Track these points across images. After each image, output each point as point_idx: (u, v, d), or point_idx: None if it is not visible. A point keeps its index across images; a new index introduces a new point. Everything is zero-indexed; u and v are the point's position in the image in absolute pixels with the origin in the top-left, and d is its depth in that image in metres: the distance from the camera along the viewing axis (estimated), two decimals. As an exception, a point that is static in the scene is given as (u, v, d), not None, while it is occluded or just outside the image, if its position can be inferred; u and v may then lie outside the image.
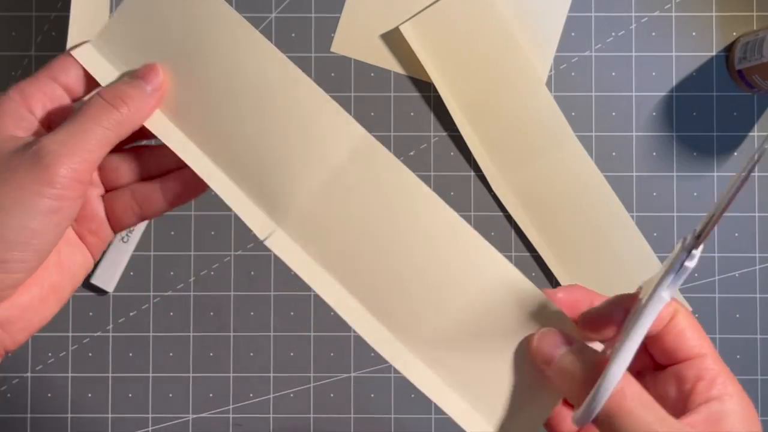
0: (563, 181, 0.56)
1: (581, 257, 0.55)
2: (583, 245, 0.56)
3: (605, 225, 0.56)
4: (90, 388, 0.57)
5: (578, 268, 0.56)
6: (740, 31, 0.58)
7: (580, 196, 0.56)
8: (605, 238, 0.56)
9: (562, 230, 0.56)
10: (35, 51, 0.58)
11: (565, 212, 0.56)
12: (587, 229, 0.56)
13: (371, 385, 0.58)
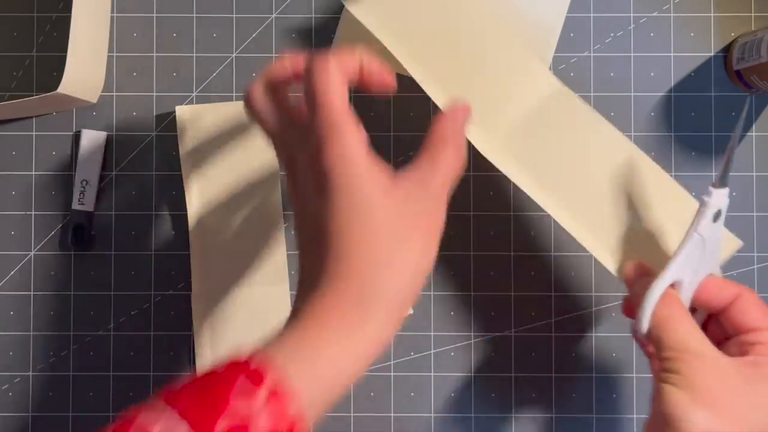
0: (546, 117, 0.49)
1: (599, 206, 0.48)
2: (596, 190, 0.48)
3: (614, 164, 0.48)
4: (91, 386, 0.58)
5: (598, 219, 0.48)
6: (738, 32, 0.58)
7: (567, 129, 0.49)
8: (622, 179, 0.48)
9: (571, 180, 0.49)
10: (37, 51, 0.59)
11: (563, 155, 0.48)
12: (597, 173, 0.49)
13: (371, 385, 0.58)
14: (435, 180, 0.38)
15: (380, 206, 0.35)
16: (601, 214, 0.46)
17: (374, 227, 0.35)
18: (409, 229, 0.36)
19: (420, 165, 0.38)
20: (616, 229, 0.46)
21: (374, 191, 0.35)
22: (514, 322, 0.58)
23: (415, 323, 0.58)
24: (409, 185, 0.37)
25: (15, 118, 0.58)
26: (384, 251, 0.35)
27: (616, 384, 0.57)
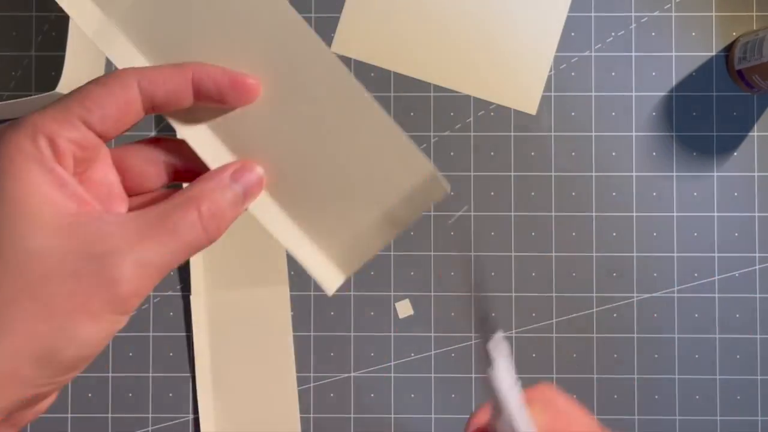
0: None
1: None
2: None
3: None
4: (90, 388, 0.57)
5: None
6: (740, 31, 0.58)
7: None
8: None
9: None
10: (35, 51, 0.58)
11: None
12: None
13: (371, 385, 0.58)
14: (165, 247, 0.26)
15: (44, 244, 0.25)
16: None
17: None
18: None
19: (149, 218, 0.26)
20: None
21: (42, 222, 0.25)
22: (515, 322, 0.58)
23: (416, 324, 0.57)
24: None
25: (13, 118, 0.58)
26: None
27: (617, 385, 0.57)
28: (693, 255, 0.57)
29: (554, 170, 0.58)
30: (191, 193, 0.27)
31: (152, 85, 0.27)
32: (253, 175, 0.29)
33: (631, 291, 0.57)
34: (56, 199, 0.25)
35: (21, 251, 0.24)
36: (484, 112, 0.58)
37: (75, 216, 0.25)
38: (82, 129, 0.26)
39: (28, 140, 0.25)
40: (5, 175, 0.24)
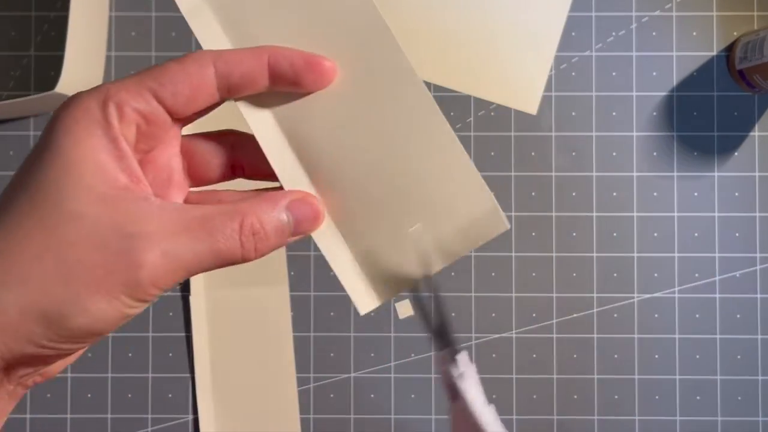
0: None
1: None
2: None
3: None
4: (89, 388, 0.57)
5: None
6: (741, 31, 0.57)
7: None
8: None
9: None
10: (35, 51, 0.58)
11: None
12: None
13: (371, 385, 0.58)
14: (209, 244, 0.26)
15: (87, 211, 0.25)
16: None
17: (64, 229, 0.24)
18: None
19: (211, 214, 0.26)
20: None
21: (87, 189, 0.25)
22: (515, 323, 0.57)
23: (416, 325, 0.57)
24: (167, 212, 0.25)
25: (13, 117, 0.58)
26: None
27: (617, 385, 0.57)
28: (694, 255, 0.57)
29: (555, 170, 0.58)
30: (241, 206, 0.26)
31: (228, 66, 0.27)
32: (310, 211, 0.28)
33: (632, 291, 0.57)
34: (109, 168, 0.25)
35: (61, 211, 0.24)
36: (484, 112, 0.58)
37: (121, 190, 0.25)
38: (152, 102, 0.26)
39: (97, 105, 0.25)
40: (67, 135, 0.25)
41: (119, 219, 0.24)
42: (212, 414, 0.57)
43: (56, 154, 0.25)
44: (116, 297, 0.24)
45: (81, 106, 0.25)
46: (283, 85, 0.28)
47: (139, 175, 0.26)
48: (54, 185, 0.24)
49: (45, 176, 0.25)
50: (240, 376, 0.57)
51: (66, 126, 0.25)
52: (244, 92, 0.28)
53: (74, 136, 0.25)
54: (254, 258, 0.27)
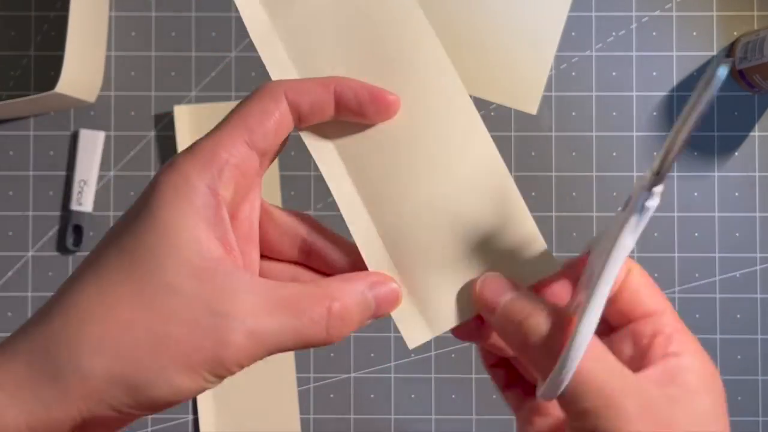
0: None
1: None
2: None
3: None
4: (89, 388, 0.57)
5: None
6: (741, 31, 0.57)
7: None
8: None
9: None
10: (34, 51, 0.58)
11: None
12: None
13: (371, 386, 0.58)
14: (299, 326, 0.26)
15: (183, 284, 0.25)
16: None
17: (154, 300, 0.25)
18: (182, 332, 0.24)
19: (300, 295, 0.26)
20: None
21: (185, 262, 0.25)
22: (515, 323, 0.57)
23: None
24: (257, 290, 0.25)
25: (12, 117, 0.58)
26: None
27: (617, 385, 0.57)
28: (694, 255, 0.57)
29: (555, 170, 0.58)
30: (328, 289, 0.27)
31: (298, 97, 0.27)
32: (391, 294, 0.29)
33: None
34: (204, 239, 0.25)
35: (155, 282, 0.24)
36: (484, 112, 0.58)
37: (215, 261, 0.25)
38: (245, 151, 0.26)
39: (196, 172, 0.25)
40: (166, 203, 0.25)
41: (211, 295, 0.24)
42: (212, 414, 0.57)
43: (154, 220, 0.25)
44: (199, 372, 0.25)
45: (181, 172, 0.25)
46: (346, 115, 0.28)
47: (232, 242, 0.26)
48: (150, 253, 0.25)
49: (142, 241, 0.25)
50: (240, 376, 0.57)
51: (166, 194, 0.25)
52: (312, 122, 0.28)
53: (173, 205, 0.25)
54: (336, 341, 0.27)
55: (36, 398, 0.24)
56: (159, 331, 0.24)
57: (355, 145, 0.29)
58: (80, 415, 0.24)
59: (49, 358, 0.24)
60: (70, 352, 0.24)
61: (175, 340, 0.24)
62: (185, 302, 0.24)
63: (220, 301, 0.25)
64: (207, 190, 0.25)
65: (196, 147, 0.26)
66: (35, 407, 0.24)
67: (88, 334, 0.24)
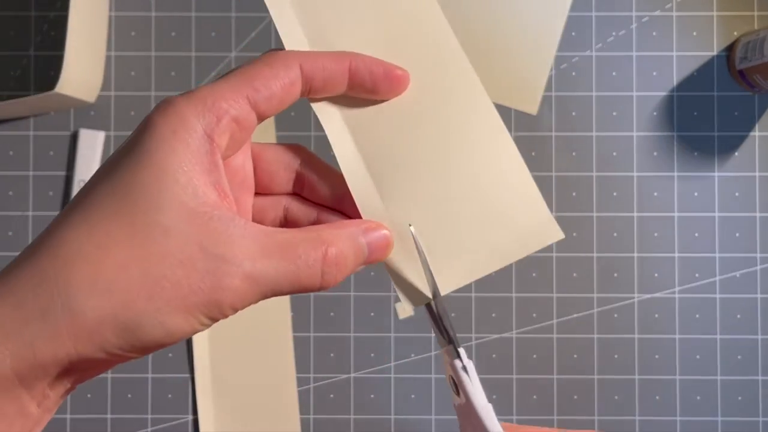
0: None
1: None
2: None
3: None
4: (89, 388, 0.57)
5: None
6: (741, 31, 0.57)
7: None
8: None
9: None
10: (34, 51, 0.58)
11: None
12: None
13: (371, 386, 0.57)
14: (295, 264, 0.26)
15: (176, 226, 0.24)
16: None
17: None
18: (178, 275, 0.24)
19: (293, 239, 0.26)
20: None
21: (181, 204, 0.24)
22: (515, 323, 0.57)
23: (416, 325, 0.57)
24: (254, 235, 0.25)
25: (12, 117, 0.58)
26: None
27: (617, 385, 0.57)
28: (694, 255, 0.57)
29: (555, 170, 0.58)
30: (323, 234, 0.27)
31: (313, 70, 0.27)
32: (384, 240, 0.29)
33: (632, 291, 0.57)
34: (201, 183, 0.25)
35: (150, 222, 0.24)
36: (484, 111, 0.58)
37: (210, 207, 0.25)
38: (246, 108, 0.26)
39: (196, 116, 0.25)
40: (163, 144, 0.24)
41: (207, 239, 0.24)
42: (212, 414, 0.57)
43: (149, 161, 0.24)
44: (194, 315, 0.24)
45: (179, 115, 0.25)
46: (359, 91, 0.29)
47: (226, 189, 0.26)
48: (144, 193, 0.24)
49: (135, 181, 0.24)
50: (240, 376, 0.57)
51: (162, 134, 0.25)
52: (323, 94, 0.29)
53: (170, 146, 0.24)
54: (330, 287, 0.27)
55: (22, 340, 0.23)
56: (154, 272, 0.24)
57: (361, 116, 0.30)
58: (68, 358, 0.24)
59: (37, 299, 0.23)
60: (60, 291, 0.23)
61: (172, 282, 0.24)
62: (181, 244, 0.24)
63: (217, 244, 0.24)
64: (204, 134, 0.25)
65: (195, 93, 0.26)
66: (21, 350, 0.23)
67: (80, 273, 0.23)
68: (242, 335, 0.57)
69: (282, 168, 0.30)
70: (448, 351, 0.29)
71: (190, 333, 0.25)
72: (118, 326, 0.24)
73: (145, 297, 0.24)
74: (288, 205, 0.30)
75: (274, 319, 0.57)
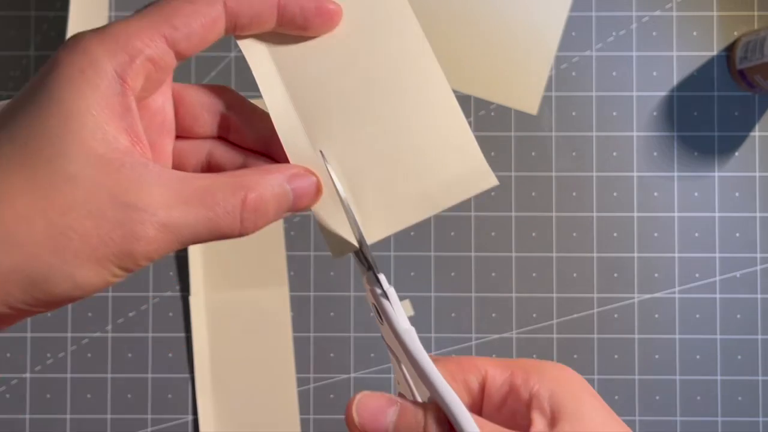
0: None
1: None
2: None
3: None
4: (89, 388, 0.57)
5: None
6: (741, 31, 0.57)
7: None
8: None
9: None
10: (34, 51, 0.58)
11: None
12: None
13: (371, 386, 0.57)
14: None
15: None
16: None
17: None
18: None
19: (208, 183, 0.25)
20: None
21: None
22: (515, 323, 0.57)
23: (416, 324, 0.57)
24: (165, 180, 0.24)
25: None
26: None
27: (617, 385, 0.57)
28: (694, 255, 0.57)
29: (555, 170, 0.58)
30: (243, 179, 0.25)
31: (238, 5, 0.26)
32: (311, 186, 0.27)
33: (632, 291, 0.57)
34: (110, 128, 0.23)
35: (55, 170, 0.22)
36: (484, 112, 0.58)
37: (121, 153, 0.23)
38: (163, 47, 0.24)
39: (107, 55, 0.23)
40: (70, 85, 0.23)
41: (117, 186, 0.23)
42: (212, 414, 0.57)
43: (55, 104, 0.23)
44: (105, 267, 0.23)
45: (88, 54, 0.23)
46: (288, 27, 0.27)
47: (140, 134, 0.24)
48: (48, 139, 0.22)
49: (39, 127, 0.23)
50: (240, 376, 0.57)
51: (68, 75, 0.23)
52: (250, 32, 0.27)
53: (77, 87, 0.23)
54: (251, 233, 0.26)
55: None
56: (60, 223, 0.22)
57: (291, 54, 0.28)
58: None
59: None
60: None
61: (79, 233, 0.22)
62: (89, 193, 0.22)
63: (128, 192, 0.23)
64: (115, 75, 0.23)
65: (106, 31, 0.24)
66: None
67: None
68: (242, 335, 0.57)
69: (205, 110, 0.29)
70: (368, 278, 0.27)
71: (102, 286, 0.24)
72: (23, 280, 0.22)
73: (51, 249, 0.22)
74: (212, 149, 0.29)
75: (274, 319, 0.57)
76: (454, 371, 0.28)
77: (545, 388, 0.26)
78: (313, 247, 0.57)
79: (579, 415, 0.25)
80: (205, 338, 0.57)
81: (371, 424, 0.25)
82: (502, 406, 0.27)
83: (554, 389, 0.26)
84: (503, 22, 0.57)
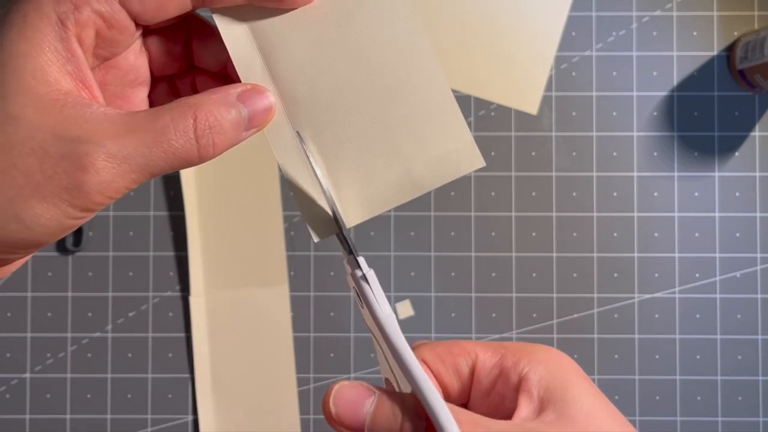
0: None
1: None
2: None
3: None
4: (89, 389, 0.57)
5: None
6: (741, 31, 0.57)
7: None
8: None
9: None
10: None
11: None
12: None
13: (371, 386, 0.57)
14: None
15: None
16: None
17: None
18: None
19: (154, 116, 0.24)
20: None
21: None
22: (515, 323, 0.57)
23: (416, 324, 0.57)
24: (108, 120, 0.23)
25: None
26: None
27: (617, 385, 0.57)
28: (694, 255, 0.57)
29: (555, 170, 0.58)
30: (190, 100, 0.24)
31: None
32: (263, 101, 0.26)
33: (632, 291, 0.57)
34: (53, 70, 0.23)
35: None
36: (484, 112, 0.58)
37: (64, 95, 0.23)
38: (114, 6, 0.24)
39: (51, 3, 0.23)
40: (12, 28, 0.23)
41: (60, 124, 0.22)
42: (212, 414, 0.57)
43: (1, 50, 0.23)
44: (57, 205, 0.23)
45: (33, 1, 0.23)
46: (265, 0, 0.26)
47: (87, 80, 0.24)
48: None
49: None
50: (240, 376, 0.57)
51: (11, 19, 0.23)
52: (220, 4, 0.26)
53: (19, 31, 0.23)
54: (212, 156, 0.25)
55: None
56: (1, 162, 0.22)
57: (269, 28, 0.27)
58: None
59: None
60: None
61: (22, 170, 0.22)
62: (31, 132, 0.22)
63: (71, 128, 0.22)
64: (57, 21, 0.23)
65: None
66: None
67: None
68: (242, 335, 0.57)
69: (175, 43, 0.28)
70: (349, 261, 0.27)
71: (60, 228, 0.23)
72: None
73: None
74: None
75: (274, 319, 0.57)
76: (443, 355, 0.27)
77: (534, 371, 0.25)
78: (313, 247, 0.57)
79: (568, 400, 0.25)
80: (205, 338, 0.57)
81: (348, 416, 0.24)
82: (491, 390, 0.27)
83: (543, 373, 0.25)
84: (503, 22, 0.57)
